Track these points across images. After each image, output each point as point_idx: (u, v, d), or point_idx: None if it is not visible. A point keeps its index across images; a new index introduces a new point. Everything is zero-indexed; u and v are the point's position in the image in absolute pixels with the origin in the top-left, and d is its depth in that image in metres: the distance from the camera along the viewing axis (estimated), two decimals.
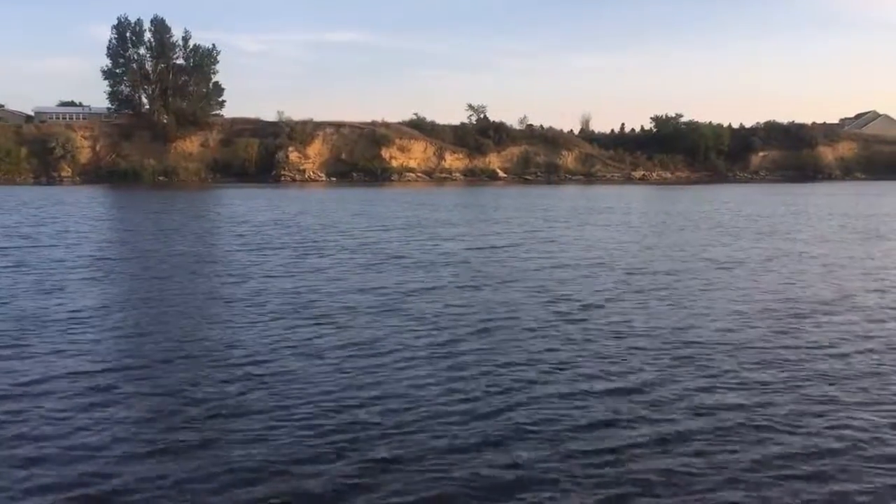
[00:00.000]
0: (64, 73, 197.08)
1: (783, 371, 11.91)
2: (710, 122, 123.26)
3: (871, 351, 13.14)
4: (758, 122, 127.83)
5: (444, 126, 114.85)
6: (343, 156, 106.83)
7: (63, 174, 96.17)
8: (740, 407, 10.24)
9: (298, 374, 11.75)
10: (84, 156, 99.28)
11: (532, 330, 14.74)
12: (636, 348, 13.29)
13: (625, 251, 27.57)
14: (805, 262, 24.62)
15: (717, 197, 67.75)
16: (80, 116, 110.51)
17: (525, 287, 19.67)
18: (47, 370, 11.91)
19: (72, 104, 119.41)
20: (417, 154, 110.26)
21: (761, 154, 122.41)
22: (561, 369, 12.02)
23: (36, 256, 25.45)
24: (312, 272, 22.18)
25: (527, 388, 11.06)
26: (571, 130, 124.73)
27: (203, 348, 13.38)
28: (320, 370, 11.96)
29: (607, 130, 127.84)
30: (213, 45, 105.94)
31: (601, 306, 17.09)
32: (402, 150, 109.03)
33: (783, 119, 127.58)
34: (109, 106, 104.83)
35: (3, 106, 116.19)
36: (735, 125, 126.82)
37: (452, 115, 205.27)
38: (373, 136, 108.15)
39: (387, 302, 17.58)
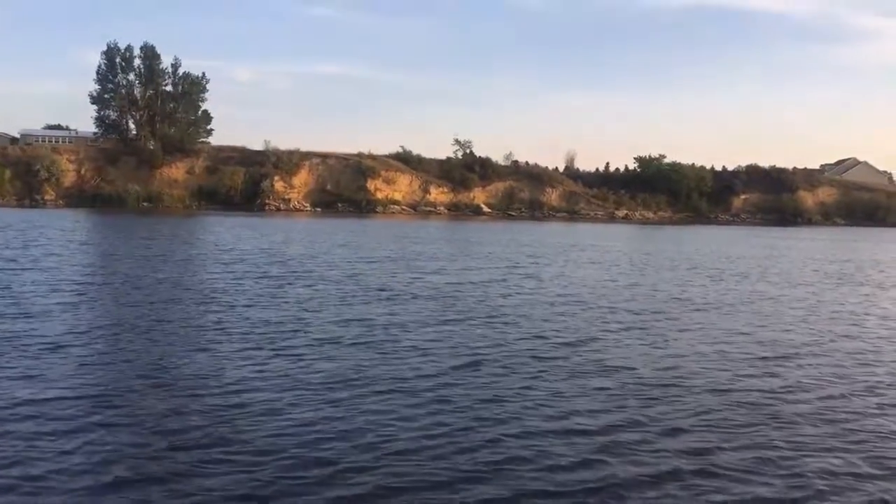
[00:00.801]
0: (51, 96, 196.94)
1: (757, 412, 12.09)
2: (693, 164, 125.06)
3: (843, 395, 13.36)
4: (739, 166, 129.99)
5: (430, 160, 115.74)
6: (328, 186, 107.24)
7: (46, 197, 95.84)
8: (717, 447, 10.40)
9: (277, 405, 11.71)
10: (68, 179, 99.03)
11: (513, 366, 14.79)
12: (614, 385, 13.42)
13: (606, 289, 27.80)
14: (782, 305, 24.97)
15: (698, 238, 68.53)
16: (66, 140, 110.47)
17: (507, 322, 19.79)
18: (15, 396, 11.72)
19: (58, 127, 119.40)
20: (403, 187, 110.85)
21: (742, 197, 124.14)
22: (541, 405, 12.11)
23: (15, 279, 25.30)
24: (296, 302, 22.21)
25: (508, 424, 11.11)
26: (556, 168, 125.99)
27: (180, 377, 13.26)
28: (300, 402, 11.93)
29: (592, 169, 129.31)
30: (203, 73, 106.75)
31: (580, 343, 17.21)
32: (387, 182, 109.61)
33: (765, 163, 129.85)
34: (96, 130, 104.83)
35: None
36: (717, 167, 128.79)
37: (438, 149, 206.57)
38: (359, 168, 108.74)
39: (369, 334, 17.62)
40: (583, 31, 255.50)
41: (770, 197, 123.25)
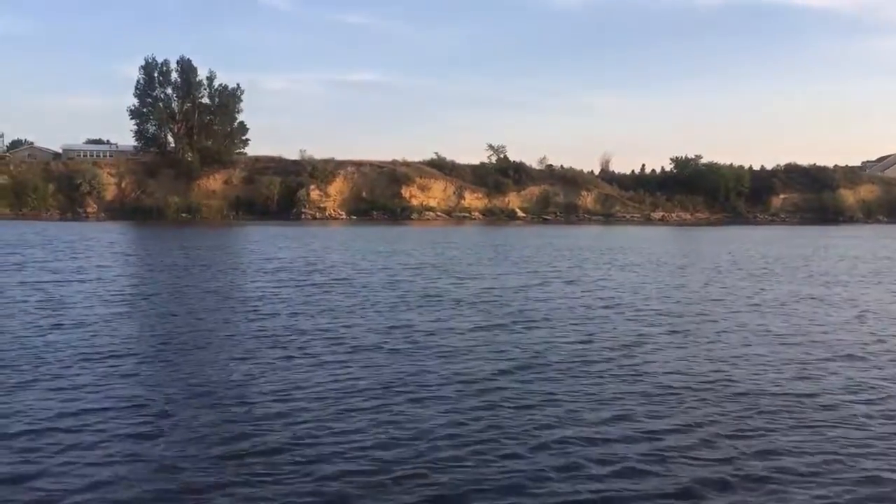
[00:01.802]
0: (92, 111, 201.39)
1: (819, 413, 11.89)
2: (731, 164, 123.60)
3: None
4: (778, 165, 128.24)
5: (464, 165, 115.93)
6: (364, 194, 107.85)
7: (88, 210, 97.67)
8: (784, 449, 10.26)
9: (327, 413, 11.75)
10: (109, 192, 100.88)
11: (564, 369, 14.74)
12: (669, 388, 13.29)
13: (650, 292, 27.56)
14: (830, 306, 24.53)
15: (739, 238, 67.61)
16: (107, 154, 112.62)
17: (553, 327, 19.71)
18: (64, 406, 11.86)
19: (99, 142, 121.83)
20: (437, 193, 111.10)
21: (782, 196, 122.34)
22: (597, 409, 12.06)
23: (63, 291, 25.79)
24: (340, 310, 22.32)
25: (568, 427, 11.05)
26: (591, 171, 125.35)
27: (228, 386, 13.38)
28: (350, 409, 11.99)
29: (627, 171, 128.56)
30: (238, 84, 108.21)
31: (630, 347, 17.08)
32: (422, 189, 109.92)
33: (804, 161, 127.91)
34: (136, 144, 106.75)
35: (32, 143, 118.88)
36: (756, 167, 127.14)
37: (473, 154, 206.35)
38: (393, 175, 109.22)
39: (415, 340, 17.67)
40: (616, 31, 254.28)
41: (810, 195, 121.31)
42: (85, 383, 13.35)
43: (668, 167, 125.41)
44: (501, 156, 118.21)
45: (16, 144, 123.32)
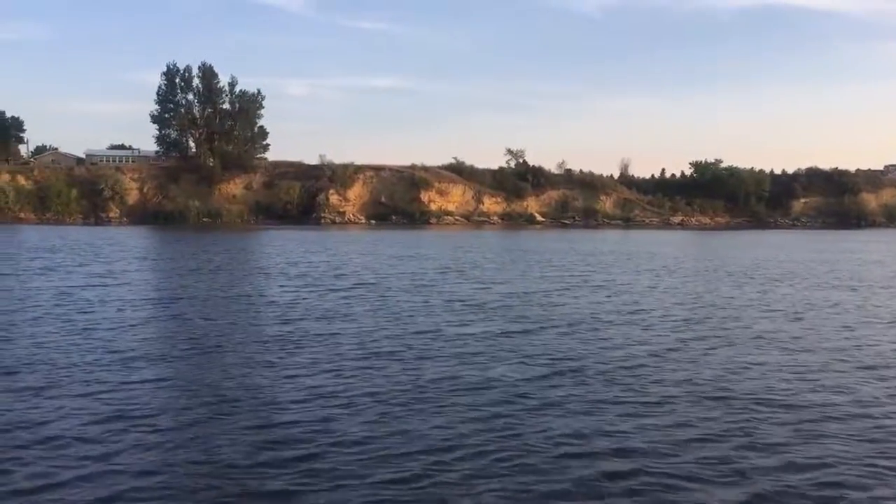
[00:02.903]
0: (115, 117, 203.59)
1: (845, 426, 11.88)
2: (752, 168, 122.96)
3: None
4: (799, 169, 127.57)
5: (482, 170, 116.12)
6: (382, 199, 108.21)
7: (111, 215, 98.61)
8: (832, 458, 10.24)
9: (359, 418, 11.86)
10: (132, 197, 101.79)
11: (599, 375, 14.77)
12: (704, 397, 13.29)
13: (678, 297, 27.53)
14: (863, 312, 24.43)
15: (761, 243, 67.24)
16: (129, 159, 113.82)
17: (584, 332, 19.76)
18: (90, 411, 11.87)
19: (121, 147, 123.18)
20: (456, 197, 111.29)
21: (803, 200, 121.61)
22: (640, 415, 12.09)
23: (89, 295, 26.12)
24: (365, 315, 22.46)
25: (606, 438, 11.06)
26: (611, 175, 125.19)
27: (258, 391, 13.48)
28: (376, 414, 12.08)
29: (647, 175, 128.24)
30: (259, 90, 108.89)
31: (664, 354, 17.08)
32: (440, 193, 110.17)
33: (825, 165, 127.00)
34: (157, 149, 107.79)
35: (56, 149, 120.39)
36: (776, 171, 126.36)
37: (491, 159, 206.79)
38: (412, 180, 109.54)
39: (442, 346, 17.76)
40: (636, 35, 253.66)
41: (831, 200, 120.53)
42: (112, 388, 13.44)
43: (689, 171, 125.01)
44: (520, 160, 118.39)
45: (40, 150, 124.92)
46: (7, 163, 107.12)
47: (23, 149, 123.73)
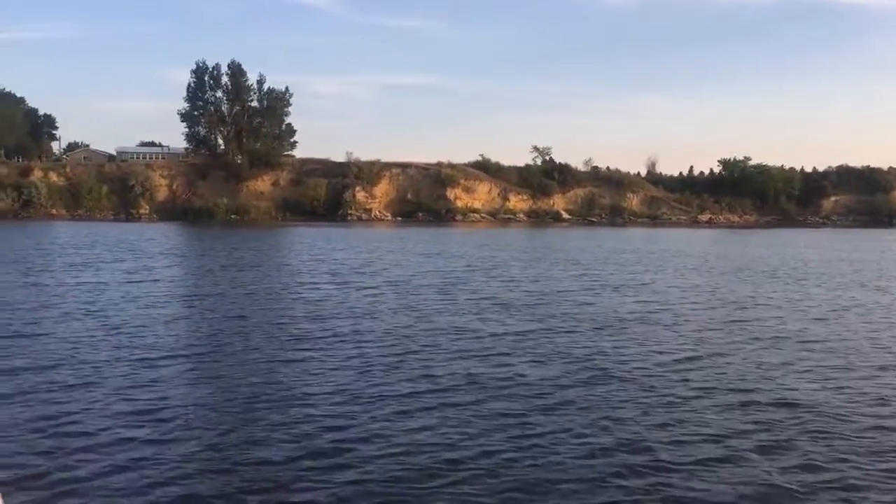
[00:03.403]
0: (145, 114, 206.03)
1: (868, 430, 11.81)
2: (781, 166, 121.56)
3: None
4: (830, 166, 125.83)
5: (509, 167, 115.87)
6: (409, 196, 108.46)
7: (141, 211, 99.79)
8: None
9: (393, 416, 12.00)
10: (161, 194, 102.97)
11: (627, 378, 14.77)
12: (733, 399, 13.29)
13: (712, 297, 27.41)
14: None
15: (792, 242, 66.51)
16: (159, 156, 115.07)
17: (613, 332, 19.80)
18: (120, 408, 12.02)
19: (152, 144, 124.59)
20: (482, 195, 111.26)
21: (833, 199, 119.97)
22: (666, 417, 12.13)
23: (124, 291, 26.58)
24: (395, 311, 22.66)
25: (631, 439, 11.08)
26: (638, 173, 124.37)
27: (292, 388, 13.67)
28: (406, 410, 12.21)
29: (675, 173, 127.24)
30: (287, 87, 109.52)
31: (684, 356, 17.06)
32: (466, 190, 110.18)
33: (856, 163, 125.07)
34: (186, 146, 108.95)
35: (88, 146, 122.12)
36: (807, 168, 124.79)
37: (518, 156, 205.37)
38: (438, 177, 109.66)
39: (471, 344, 17.88)
40: (663, 31, 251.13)
41: (863, 198, 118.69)
42: (143, 384, 13.62)
43: (717, 169, 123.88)
44: (547, 157, 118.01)
45: (72, 147, 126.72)
46: (40, 160, 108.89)
47: (55, 146, 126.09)
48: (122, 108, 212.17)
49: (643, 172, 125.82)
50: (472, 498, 8.80)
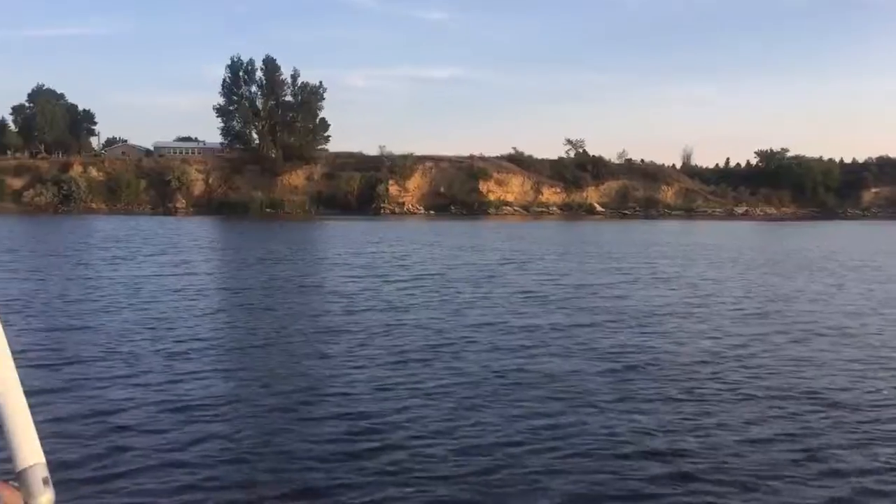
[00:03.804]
0: (182, 109, 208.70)
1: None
2: (820, 157, 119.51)
3: None
4: (870, 158, 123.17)
5: (541, 160, 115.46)
6: (441, 189, 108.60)
7: (178, 205, 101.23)
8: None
9: (432, 412, 12.05)
10: (198, 188, 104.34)
11: (664, 373, 14.71)
12: (773, 396, 13.15)
13: (739, 291, 27.15)
14: None
15: (833, 235, 65.44)
16: (196, 151, 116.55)
17: (650, 326, 19.70)
18: (162, 402, 12.05)
19: (188, 139, 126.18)
20: (515, 188, 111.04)
21: (874, 190, 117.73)
22: (705, 413, 12.00)
23: (162, 283, 27.05)
24: (432, 305, 22.77)
25: (669, 435, 11.05)
26: (673, 165, 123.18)
27: (327, 383, 13.79)
28: (448, 405, 12.26)
29: (711, 165, 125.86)
30: (320, 82, 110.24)
31: (721, 351, 16.92)
32: (499, 183, 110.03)
33: None
34: (222, 141, 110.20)
35: (126, 141, 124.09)
36: (846, 160, 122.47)
37: (551, 149, 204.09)
38: (471, 170, 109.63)
39: (508, 339, 17.89)
40: (698, 22, 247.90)
41: None
42: (181, 378, 13.75)
43: (754, 161, 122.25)
44: (580, 150, 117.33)
45: (110, 142, 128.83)
46: (79, 155, 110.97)
47: (94, 141, 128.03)
48: (160, 103, 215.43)
49: (678, 164, 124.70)
50: (502, 489, 8.84)
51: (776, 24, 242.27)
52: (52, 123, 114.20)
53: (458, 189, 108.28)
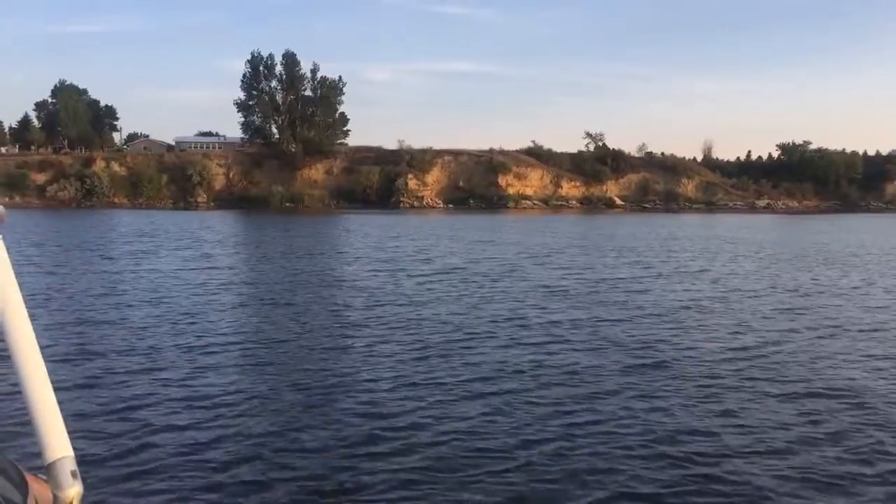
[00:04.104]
0: (202, 104, 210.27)
1: None
2: (843, 150, 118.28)
3: None
4: (894, 150, 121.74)
5: (561, 154, 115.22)
6: (460, 183, 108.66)
7: (199, 200, 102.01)
8: None
9: (441, 406, 12.03)
10: (218, 182, 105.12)
11: (687, 369, 14.59)
12: (800, 394, 13.02)
13: (761, 285, 26.90)
14: None
15: (853, 227, 64.72)
16: (216, 145, 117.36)
17: (673, 321, 19.57)
18: (173, 397, 12.03)
19: (209, 134, 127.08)
20: (534, 182, 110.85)
21: None
22: (733, 412, 11.92)
23: (185, 278, 27.28)
24: (454, 299, 22.77)
25: (694, 434, 10.94)
26: (693, 158, 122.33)
27: (355, 376, 13.80)
28: (462, 401, 12.23)
29: (732, 158, 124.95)
30: (340, 76, 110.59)
31: (745, 346, 16.75)
32: (518, 177, 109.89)
33: None
34: (242, 135, 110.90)
35: (147, 136, 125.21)
36: (870, 152, 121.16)
37: (570, 142, 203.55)
38: (490, 164, 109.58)
39: (530, 333, 17.84)
40: (718, 13, 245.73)
41: None
42: (202, 372, 13.79)
43: (775, 154, 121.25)
44: (600, 143, 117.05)
45: (132, 138, 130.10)
46: (102, 150, 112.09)
47: (116, 136, 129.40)
48: (181, 98, 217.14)
49: (699, 157, 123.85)
50: (524, 485, 8.81)
51: (800, 15, 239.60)
52: (75, 119, 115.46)
53: (477, 183, 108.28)
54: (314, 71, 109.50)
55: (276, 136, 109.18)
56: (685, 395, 12.51)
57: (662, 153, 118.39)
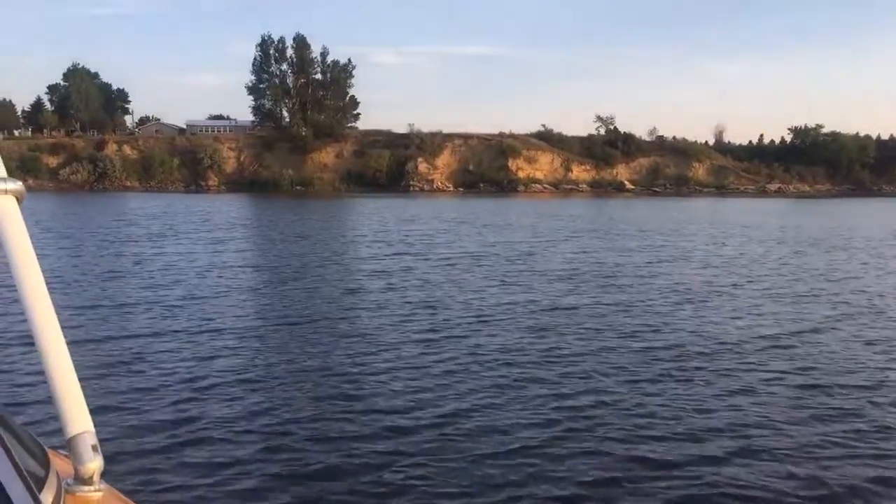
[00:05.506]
0: (213, 88, 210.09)
1: None
2: (856, 133, 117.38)
3: None
4: None
5: (571, 137, 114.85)
6: (470, 167, 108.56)
7: (210, 183, 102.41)
8: None
9: (453, 390, 12.14)
10: (229, 166, 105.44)
11: (701, 357, 14.63)
12: (820, 385, 13.13)
13: (797, 270, 26.90)
14: None
15: (865, 212, 64.39)
16: (227, 129, 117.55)
17: (691, 307, 19.66)
18: (181, 383, 11.96)
19: (220, 117, 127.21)
20: (544, 165, 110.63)
21: None
22: (751, 405, 11.94)
23: (198, 262, 27.50)
24: (467, 284, 22.88)
25: (710, 421, 11.08)
26: (705, 142, 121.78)
27: (373, 361, 13.92)
28: (486, 384, 12.36)
29: (743, 142, 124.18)
30: (350, 59, 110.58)
31: (760, 334, 16.82)
32: (528, 161, 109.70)
33: None
34: (253, 119, 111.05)
35: (159, 120, 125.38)
36: (883, 136, 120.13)
37: (581, 126, 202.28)
38: (500, 148, 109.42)
39: (549, 318, 17.97)
40: None
41: None
42: (221, 354, 13.88)
43: (787, 137, 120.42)
44: (610, 127, 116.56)
45: (144, 121, 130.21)
46: (114, 133, 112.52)
47: (128, 120, 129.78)
48: (192, 81, 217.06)
49: (710, 141, 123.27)
50: (546, 475, 8.80)
51: None
52: (87, 102, 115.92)
53: (488, 166, 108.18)
54: (324, 54, 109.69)
55: (287, 119, 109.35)
56: (698, 380, 12.60)
57: (674, 137, 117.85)
